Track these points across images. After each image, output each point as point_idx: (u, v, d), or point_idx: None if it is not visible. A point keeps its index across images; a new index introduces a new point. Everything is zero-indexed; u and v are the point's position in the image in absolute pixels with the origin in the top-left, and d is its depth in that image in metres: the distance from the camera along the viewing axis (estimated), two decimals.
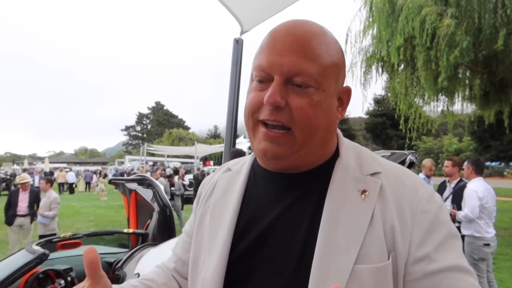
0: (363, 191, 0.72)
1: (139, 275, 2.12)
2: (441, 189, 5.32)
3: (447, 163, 5.24)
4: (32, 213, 6.87)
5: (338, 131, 0.84)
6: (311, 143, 0.73)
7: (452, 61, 8.09)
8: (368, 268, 0.65)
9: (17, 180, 7.39)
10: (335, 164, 0.77)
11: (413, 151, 4.09)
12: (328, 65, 0.72)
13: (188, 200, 15.44)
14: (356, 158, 0.78)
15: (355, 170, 0.75)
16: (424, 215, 0.69)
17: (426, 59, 8.74)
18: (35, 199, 6.95)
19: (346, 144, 0.81)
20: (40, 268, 3.41)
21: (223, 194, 0.87)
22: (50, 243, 3.65)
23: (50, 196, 6.64)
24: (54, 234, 6.43)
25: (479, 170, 4.61)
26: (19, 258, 3.13)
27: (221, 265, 0.76)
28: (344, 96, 0.80)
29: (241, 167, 0.91)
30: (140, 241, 4.14)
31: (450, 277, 0.66)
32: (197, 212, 0.92)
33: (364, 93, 11.48)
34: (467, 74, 9.77)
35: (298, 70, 0.69)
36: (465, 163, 4.77)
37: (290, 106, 0.70)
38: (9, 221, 6.81)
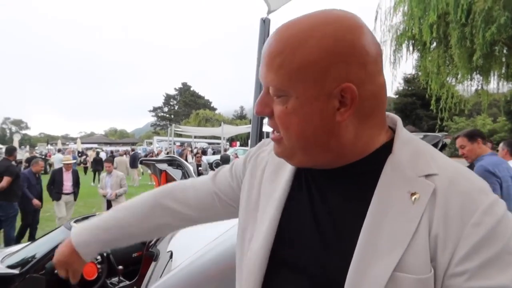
0: (413, 193, 0.65)
1: (172, 253, 2.20)
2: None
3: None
4: (76, 191, 7.54)
5: (397, 119, 0.77)
6: (303, 148, 0.71)
7: (489, 38, 7.73)
8: (409, 278, 0.61)
9: (63, 160, 8.04)
10: (386, 159, 0.70)
11: (445, 133, 3.99)
12: (295, 69, 0.65)
13: None
14: (412, 155, 0.70)
15: (408, 169, 0.68)
16: (476, 228, 0.60)
17: (460, 36, 8.39)
18: (77, 178, 7.61)
19: (404, 138, 0.72)
20: None
21: (275, 170, 0.86)
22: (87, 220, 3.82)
23: (118, 175, 7.33)
24: None
25: None
26: (58, 235, 3.30)
27: (267, 240, 0.77)
28: (347, 94, 0.65)
29: None
30: None
31: None
32: (242, 172, 0.95)
33: (393, 73, 11.20)
34: (504, 51, 9.32)
35: (267, 82, 0.70)
36: (500, 145, 4.62)
37: (274, 115, 0.71)
38: (56, 197, 7.31)
